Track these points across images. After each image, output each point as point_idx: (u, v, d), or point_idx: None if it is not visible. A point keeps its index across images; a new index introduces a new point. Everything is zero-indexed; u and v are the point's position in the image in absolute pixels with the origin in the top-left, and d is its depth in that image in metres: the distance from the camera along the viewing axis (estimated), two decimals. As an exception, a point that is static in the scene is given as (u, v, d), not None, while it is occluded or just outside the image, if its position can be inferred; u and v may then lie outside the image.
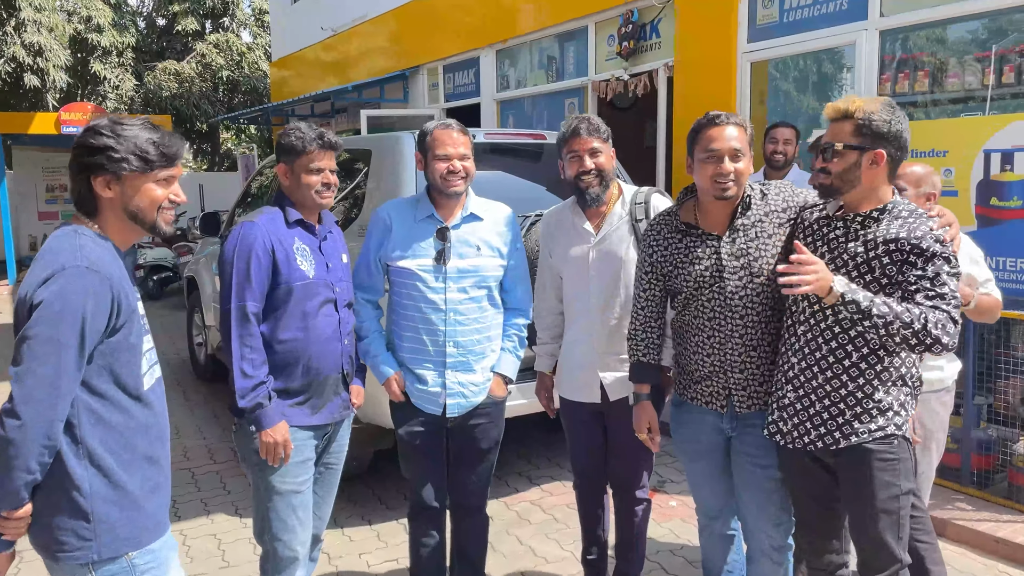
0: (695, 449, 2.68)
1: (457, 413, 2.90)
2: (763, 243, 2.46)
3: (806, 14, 5.45)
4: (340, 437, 2.88)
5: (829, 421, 2.28)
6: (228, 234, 2.66)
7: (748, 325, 2.48)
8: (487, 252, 2.90)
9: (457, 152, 2.80)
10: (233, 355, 2.53)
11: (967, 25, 4.70)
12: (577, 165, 2.84)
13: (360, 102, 11.04)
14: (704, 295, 2.52)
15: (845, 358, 2.24)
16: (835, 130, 2.24)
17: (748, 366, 2.50)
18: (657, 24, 6.67)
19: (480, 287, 2.89)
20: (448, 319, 2.83)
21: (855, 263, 2.22)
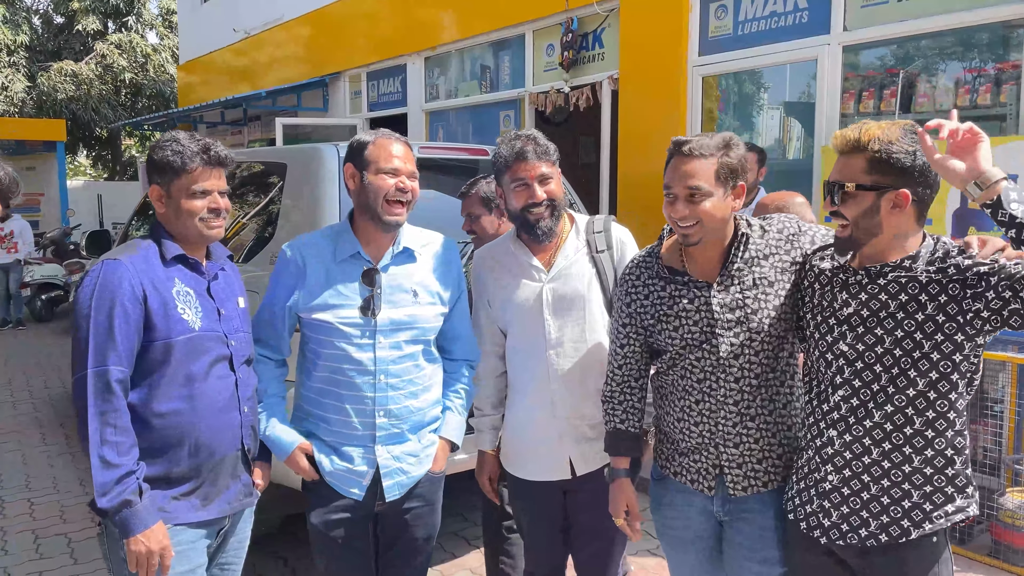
0: (680, 537, 2.17)
1: (399, 494, 2.30)
2: (763, 292, 1.99)
3: (763, 26, 5.10)
4: (240, 531, 2.24)
5: (892, 507, 1.81)
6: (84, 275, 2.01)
7: (745, 390, 2.00)
8: (425, 298, 2.32)
9: (407, 169, 2.23)
10: (91, 439, 1.88)
11: (937, 41, 4.42)
12: (526, 195, 2.32)
13: (275, 110, 10.31)
14: (692, 354, 2.04)
15: (906, 424, 1.77)
16: (845, 166, 1.78)
17: (744, 439, 2.02)
18: (600, 33, 6.25)
19: (417, 341, 2.30)
20: (378, 383, 2.24)
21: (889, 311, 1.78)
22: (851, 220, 1.77)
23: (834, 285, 1.89)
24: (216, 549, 2.18)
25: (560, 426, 2.39)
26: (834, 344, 1.86)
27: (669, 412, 2.14)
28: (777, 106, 5.49)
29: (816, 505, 1.91)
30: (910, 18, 4.38)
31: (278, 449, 2.26)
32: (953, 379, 1.75)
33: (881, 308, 1.79)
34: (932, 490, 1.79)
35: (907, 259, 1.77)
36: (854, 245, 1.80)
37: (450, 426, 2.42)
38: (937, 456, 1.78)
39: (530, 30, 6.87)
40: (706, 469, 2.07)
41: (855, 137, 1.76)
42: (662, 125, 5.57)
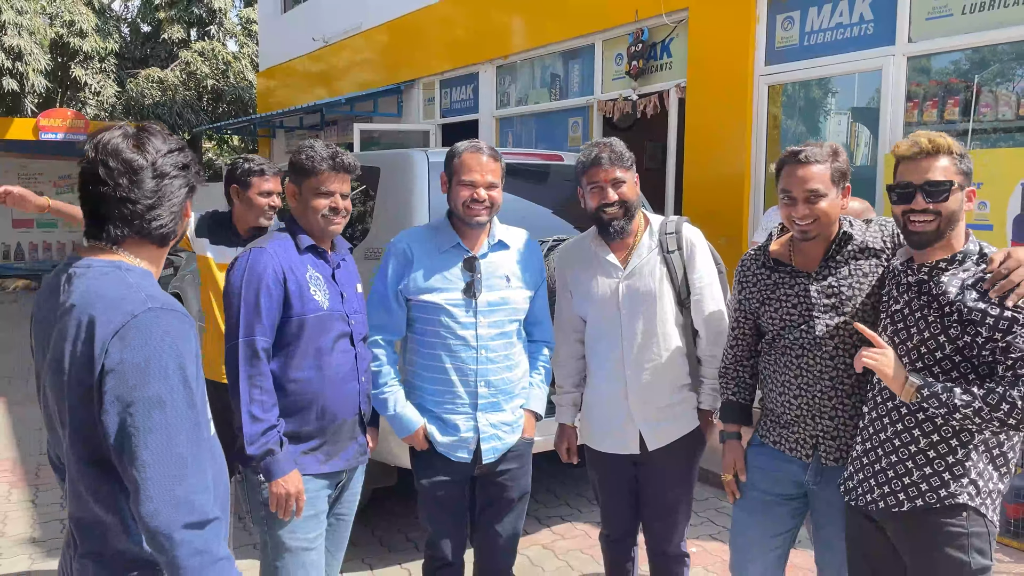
0: (760, 499, 2.44)
1: (494, 458, 2.64)
2: (857, 282, 2.26)
3: (828, 37, 5.28)
4: (353, 484, 2.60)
5: (894, 480, 2.06)
6: (234, 261, 2.38)
7: (839, 367, 2.27)
8: (516, 283, 2.66)
9: (484, 180, 2.55)
10: (241, 397, 2.24)
11: (1000, 53, 4.54)
12: (599, 197, 2.60)
13: (352, 115, 10.77)
14: (791, 334, 2.32)
15: (919, 410, 2.02)
16: (937, 167, 2.00)
17: (838, 412, 2.28)
18: (669, 43, 6.49)
19: (511, 321, 2.65)
20: (479, 357, 2.57)
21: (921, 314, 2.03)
22: (945, 215, 1.98)
23: (895, 282, 2.14)
24: (335, 500, 2.53)
25: (631, 407, 2.68)
26: (880, 334, 2.12)
27: (772, 388, 2.42)
28: (842, 114, 5.64)
29: (849, 471, 2.19)
30: (974, 31, 4.51)
31: (403, 427, 2.60)
32: (967, 375, 1.98)
33: (917, 310, 2.04)
34: (931, 472, 2.01)
35: (943, 261, 2.02)
36: (939, 237, 2.01)
37: (535, 399, 2.75)
38: (942, 443, 2.00)
39: (600, 40, 7.14)
40: (803, 439, 2.35)
41: (939, 142, 2.00)
42: (728, 132, 5.78)
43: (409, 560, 3.97)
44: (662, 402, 2.67)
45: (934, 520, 2.00)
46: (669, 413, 2.67)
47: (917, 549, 2.03)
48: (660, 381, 2.66)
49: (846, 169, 2.28)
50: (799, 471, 2.37)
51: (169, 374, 1.37)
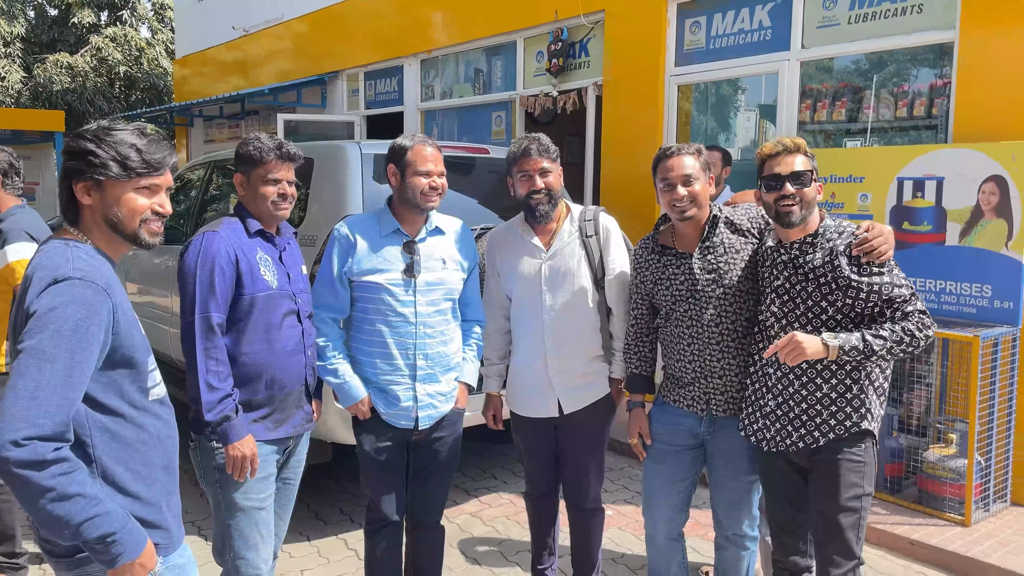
0: (666, 450, 2.80)
1: (429, 424, 2.91)
2: (731, 258, 2.65)
3: (731, 42, 5.71)
4: (299, 451, 2.83)
5: (808, 422, 2.47)
6: (187, 244, 2.57)
7: (724, 334, 2.65)
8: (451, 265, 2.93)
9: (438, 169, 2.83)
10: (198, 368, 2.44)
11: (881, 60, 5.04)
12: (528, 184, 2.91)
13: (275, 106, 10.77)
14: (681, 308, 2.69)
15: (817, 362, 2.43)
16: (793, 161, 2.43)
17: (726, 372, 2.67)
18: (587, 43, 6.83)
19: (446, 299, 2.92)
20: (418, 332, 2.84)
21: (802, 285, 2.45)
22: (806, 200, 2.41)
23: (771, 261, 2.55)
24: (282, 465, 2.75)
25: (550, 375, 2.99)
26: (769, 306, 2.52)
27: (671, 355, 2.79)
28: (750, 111, 6.09)
29: (760, 424, 2.57)
30: (858, 39, 5.00)
31: (348, 396, 2.84)
32: (848, 328, 2.41)
33: (797, 283, 2.46)
34: (836, 409, 2.44)
35: (809, 236, 2.46)
36: (802, 219, 2.44)
37: (468, 372, 3.03)
38: (840, 384, 2.43)
39: (521, 38, 7.43)
40: (698, 397, 2.73)
41: (797, 142, 2.46)
42: (642, 129, 6.16)
43: (344, 531, 4.19)
44: (578, 371, 2.99)
45: (844, 449, 2.42)
46: (584, 380, 3.00)
47: (825, 478, 2.44)
48: (576, 352, 2.98)
49: (709, 162, 2.71)
50: (696, 424, 2.74)
51: (62, 333, 1.61)
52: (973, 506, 4.07)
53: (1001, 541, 3.87)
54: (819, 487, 2.46)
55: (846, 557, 2.40)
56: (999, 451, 4.21)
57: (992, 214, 4.17)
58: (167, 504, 1.87)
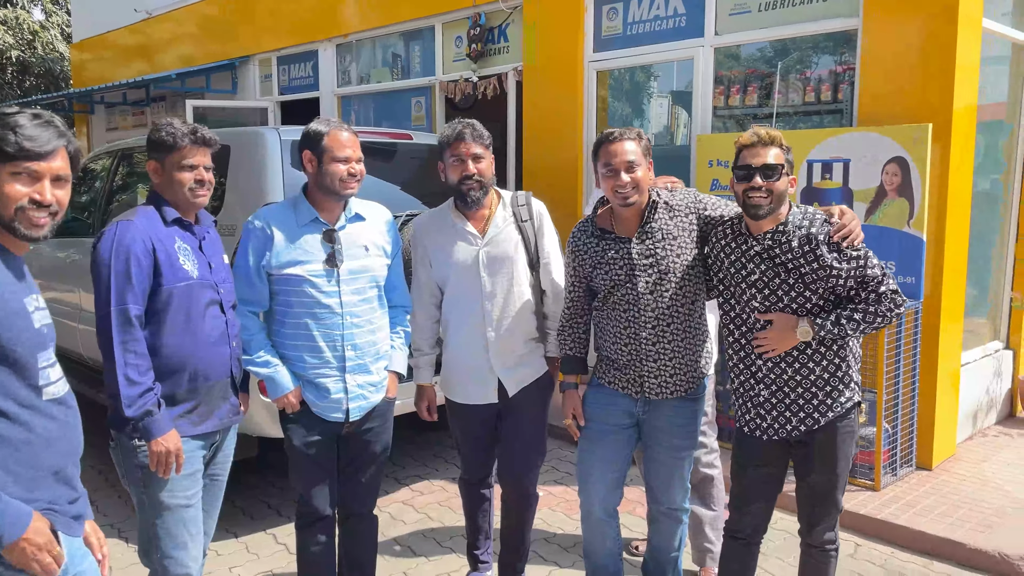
0: (600, 430, 2.84)
1: (360, 415, 2.87)
2: (669, 244, 2.67)
3: (648, 28, 5.80)
4: (226, 446, 2.75)
5: (806, 406, 2.56)
6: (101, 234, 2.46)
7: (660, 317, 2.68)
8: (374, 252, 2.88)
9: (356, 155, 2.77)
10: (116, 362, 2.34)
11: (789, 46, 5.22)
12: (460, 169, 2.88)
13: (183, 92, 10.36)
14: (619, 292, 2.70)
15: (807, 347, 2.53)
16: (770, 154, 2.44)
17: (660, 356, 2.71)
18: (505, 28, 6.83)
19: (371, 287, 2.88)
20: (345, 322, 2.79)
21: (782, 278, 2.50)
22: (776, 193, 2.43)
23: (739, 254, 2.58)
24: (209, 461, 2.67)
25: (491, 358, 2.98)
26: (750, 301, 2.57)
27: (606, 338, 2.81)
28: (663, 97, 6.22)
29: (753, 414, 2.64)
30: (768, 27, 5.16)
31: (277, 389, 2.76)
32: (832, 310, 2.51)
33: (775, 276, 2.51)
34: (831, 389, 2.55)
35: (780, 225, 2.49)
36: (771, 212, 2.46)
37: (397, 360, 3.00)
38: (830, 364, 2.54)
39: (439, 22, 7.36)
40: (633, 379, 2.76)
41: (769, 134, 2.45)
42: (562, 115, 6.21)
43: (273, 526, 4.11)
44: (517, 352, 3.01)
45: (840, 423, 2.55)
46: (523, 360, 3.02)
47: (824, 452, 2.57)
48: (515, 334, 2.99)
49: (649, 147, 2.72)
50: (631, 404, 2.79)
51: None
52: (882, 471, 4.30)
53: (908, 503, 4.10)
54: (816, 461, 2.59)
55: (836, 515, 2.64)
56: (904, 419, 4.45)
57: (895, 194, 4.38)
58: (58, 512, 1.75)
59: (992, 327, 5.59)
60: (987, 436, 5.19)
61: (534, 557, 3.71)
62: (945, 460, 4.68)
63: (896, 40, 4.49)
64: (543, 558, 3.75)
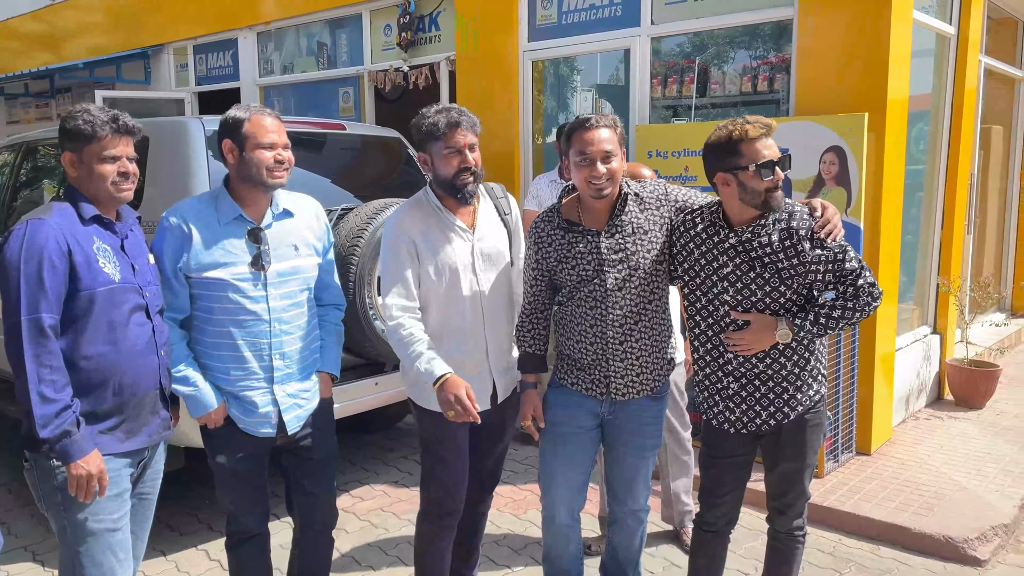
0: (564, 432, 2.71)
1: (298, 427, 2.66)
2: (640, 238, 2.55)
3: (583, 17, 5.72)
4: (155, 462, 2.52)
5: (776, 400, 2.50)
6: (8, 234, 2.20)
7: (628, 315, 2.56)
8: (305, 251, 2.67)
9: (282, 140, 2.54)
10: (28, 377, 2.10)
11: (726, 36, 5.22)
12: (458, 161, 2.56)
13: (91, 82, 9.79)
14: (586, 287, 2.57)
15: (778, 343, 2.45)
16: (771, 145, 2.33)
17: (627, 356, 2.59)
18: (436, 17, 6.64)
19: (302, 290, 2.67)
20: (273, 330, 2.57)
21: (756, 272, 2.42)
22: (783, 183, 2.34)
23: (711, 247, 2.47)
24: (137, 479, 2.44)
25: (491, 364, 2.76)
26: (720, 294, 2.47)
27: (569, 336, 2.67)
28: (601, 88, 6.15)
29: (722, 407, 2.56)
30: (705, 16, 5.14)
31: (200, 406, 2.53)
32: (804, 306, 2.46)
33: (751, 269, 2.42)
34: (801, 383, 2.49)
35: (759, 217, 2.39)
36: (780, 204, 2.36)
37: (329, 360, 2.79)
38: (800, 358, 2.48)
39: (367, 9, 7.12)
40: (598, 380, 2.63)
41: (766, 122, 2.32)
42: (497, 105, 6.07)
43: (204, 541, 3.87)
44: (507, 353, 2.83)
45: (808, 415, 2.52)
46: (511, 364, 2.84)
47: (794, 445, 2.53)
48: (506, 336, 2.81)
49: (623, 136, 2.59)
50: (595, 405, 2.67)
51: None
52: (825, 458, 4.33)
53: (852, 489, 4.15)
54: (786, 452, 2.55)
55: (805, 496, 2.63)
56: (845, 406, 4.50)
57: (832, 183, 4.42)
58: None
59: (920, 312, 5.74)
60: (919, 419, 5.32)
61: (485, 562, 3.59)
62: (883, 444, 4.77)
63: (831, 30, 4.52)
64: (494, 562, 3.63)
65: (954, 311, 5.78)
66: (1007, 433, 5.04)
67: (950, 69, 5.57)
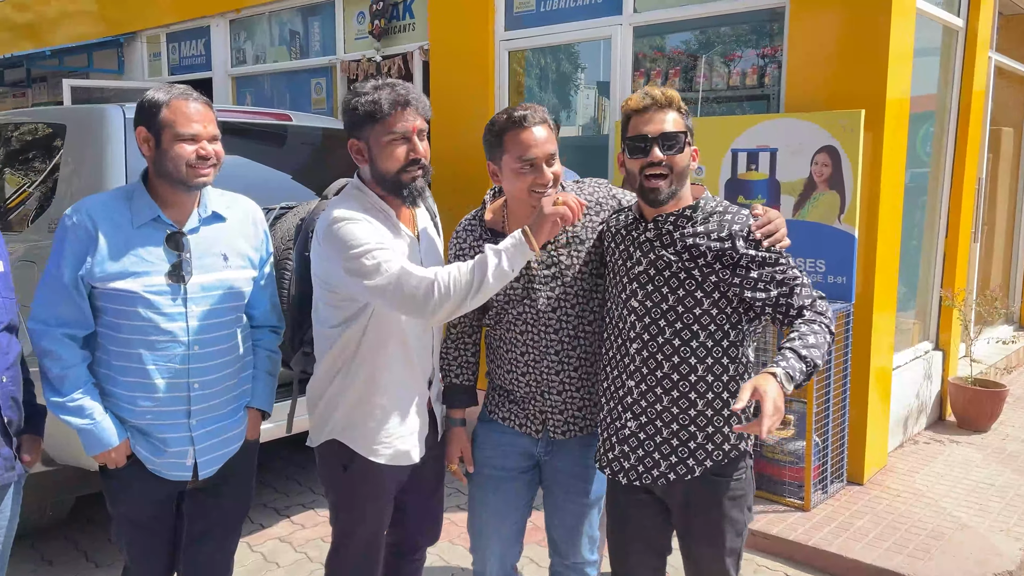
0: (495, 476, 2.31)
1: (212, 471, 2.25)
2: (576, 250, 2.16)
3: (562, 4, 5.32)
4: (2, 508, 2.12)
5: (680, 448, 2.01)
6: None
7: (564, 341, 2.17)
8: (237, 261, 2.25)
9: (208, 131, 2.10)
10: None
11: (715, 26, 4.82)
12: (406, 151, 2.07)
13: (63, 71, 9.43)
14: (515, 309, 2.18)
15: (690, 372, 1.98)
16: (667, 119, 1.93)
17: (567, 387, 2.20)
18: (411, 4, 6.25)
19: (230, 308, 2.24)
20: (193, 353, 2.15)
21: (672, 271, 1.97)
22: (678, 170, 1.92)
23: (626, 242, 2.06)
24: (-21, 528, 2.06)
25: (431, 393, 2.33)
26: (629, 299, 2.02)
27: (500, 365, 2.28)
28: (579, 81, 5.76)
29: (617, 451, 2.09)
30: (691, 4, 4.73)
31: (98, 442, 2.11)
32: (725, 328, 1.97)
33: (666, 267, 1.97)
34: (713, 431, 2.00)
35: (687, 208, 1.97)
36: (672, 195, 1.94)
37: (261, 394, 2.38)
38: (716, 399, 1.98)
39: (340, -4, 6.74)
40: (533, 415, 2.23)
41: (670, 95, 1.92)
42: (472, 98, 5.67)
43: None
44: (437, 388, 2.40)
45: (721, 479, 2.00)
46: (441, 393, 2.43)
47: (702, 511, 2.02)
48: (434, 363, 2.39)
49: (556, 128, 2.19)
50: (530, 444, 2.28)
51: None
52: (812, 488, 3.94)
53: (841, 525, 3.75)
54: (698, 530, 2.05)
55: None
56: (835, 430, 4.11)
57: (824, 186, 4.02)
58: None
59: (921, 327, 5.34)
60: (918, 443, 4.92)
61: (427, 605, 3.20)
62: (877, 472, 4.37)
63: (826, 20, 4.12)
64: (437, 606, 3.25)
65: (958, 326, 5.36)
66: (1013, 460, 4.64)
67: (957, 65, 5.15)
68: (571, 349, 2.18)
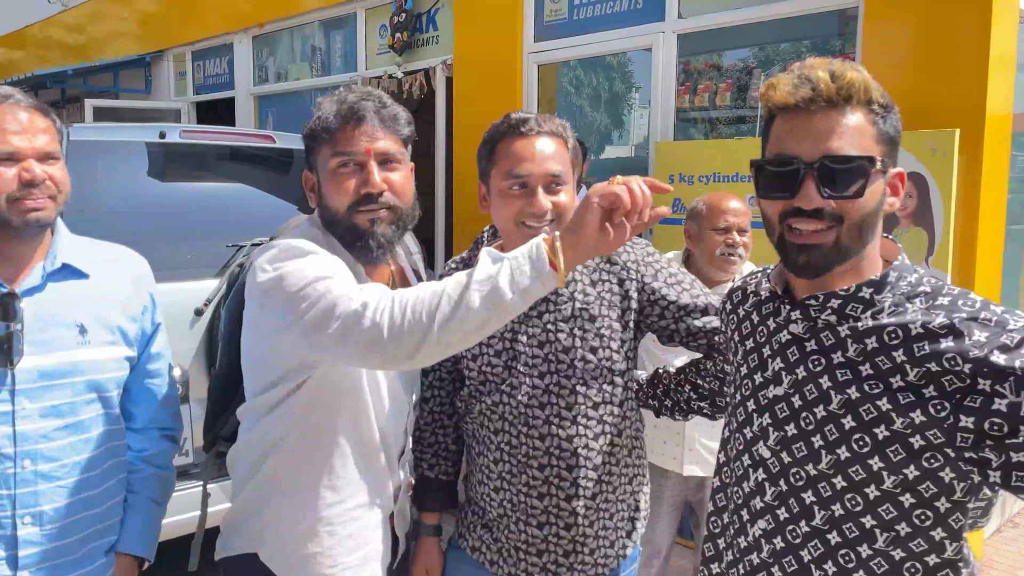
0: None
1: None
2: (584, 325, 1.54)
3: (598, 11, 4.72)
4: None
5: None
6: None
7: (553, 452, 1.56)
8: (100, 336, 1.62)
9: (35, 147, 1.52)
10: None
11: (772, 30, 4.16)
12: (356, 182, 1.51)
13: (92, 91, 9.21)
14: (490, 397, 1.57)
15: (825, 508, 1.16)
16: (832, 130, 1.10)
17: (551, 518, 1.57)
18: (435, 15, 5.74)
19: (87, 403, 1.60)
20: (21, 472, 1.52)
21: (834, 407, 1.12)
22: (855, 220, 1.10)
23: (758, 335, 1.25)
24: None
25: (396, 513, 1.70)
26: (754, 443, 1.22)
27: (472, 472, 1.68)
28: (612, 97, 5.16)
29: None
30: (745, 6, 4.08)
31: None
32: (934, 519, 1.10)
33: (823, 399, 1.13)
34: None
35: (865, 285, 1.13)
36: (845, 259, 1.12)
37: (132, 533, 1.71)
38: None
39: (361, 8, 6.27)
40: (506, 549, 1.60)
41: (846, 78, 1.11)
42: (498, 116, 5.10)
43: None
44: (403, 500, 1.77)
45: None
46: None
47: None
48: None
49: (579, 152, 1.61)
50: None
51: None
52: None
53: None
54: None
55: None
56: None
57: (908, 221, 3.31)
58: None
59: None
60: (1018, 527, 4.12)
61: None
62: (971, 568, 3.61)
63: (908, 22, 3.43)
64: None
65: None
66: None
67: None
68: (564, 468, 1.55)
